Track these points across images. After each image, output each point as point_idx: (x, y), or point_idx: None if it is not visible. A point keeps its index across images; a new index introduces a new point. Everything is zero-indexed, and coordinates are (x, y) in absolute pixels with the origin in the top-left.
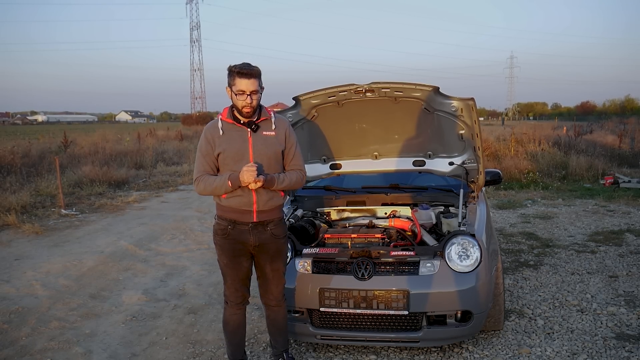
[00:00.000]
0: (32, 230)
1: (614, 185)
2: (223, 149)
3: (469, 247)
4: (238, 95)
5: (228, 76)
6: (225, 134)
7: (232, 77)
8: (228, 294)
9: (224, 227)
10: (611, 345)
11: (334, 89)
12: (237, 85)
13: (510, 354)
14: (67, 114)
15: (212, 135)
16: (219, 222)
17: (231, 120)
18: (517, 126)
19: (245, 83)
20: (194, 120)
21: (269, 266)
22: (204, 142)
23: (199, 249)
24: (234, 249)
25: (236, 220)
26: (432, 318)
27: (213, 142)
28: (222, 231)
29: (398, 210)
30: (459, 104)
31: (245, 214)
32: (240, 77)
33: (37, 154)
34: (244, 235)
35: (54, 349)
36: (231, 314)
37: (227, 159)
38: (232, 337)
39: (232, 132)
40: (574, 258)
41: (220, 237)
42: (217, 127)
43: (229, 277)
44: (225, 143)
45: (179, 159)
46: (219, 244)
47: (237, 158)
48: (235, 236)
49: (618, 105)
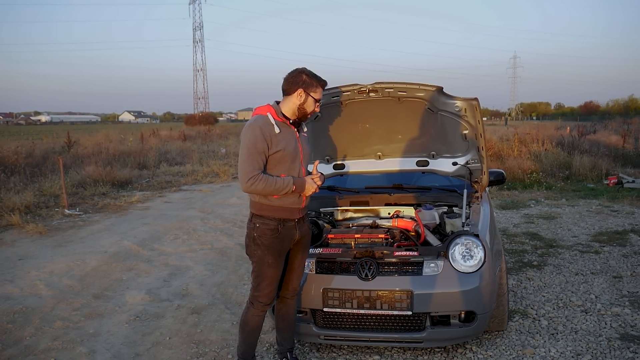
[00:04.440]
0: (35, 230)
1: (618, 186)
2: (282, 147)
3: (473, 248)
4: (314, 103)
5: (305, 81)
6: (282, 132)
7: (315, 87)
8: (261, 294)
9: (274, 226)
10: (615, 346)
11: (338, 89)
12: (317, 93)
13: (514, 354)
14: (70, 114)
15: (270, 132)
16: (267, 222)
17: (283, 119)
18: (521, 126)
19: (321, 93)
20: (197, 120)
21: (300, 256)
22: (259, 138)
23: (202, 249)
24: (281, 248)
25: (286, 219)
26: (436, 318)
27: (270, 139)
28: (272, 231)
29: (401, 210)
30: (462, 104)
31: (293, 211)
32: (322, 87)
33: (41, 154)
34: (292, 232)
35: (57, 349)
36: (254, 315)
37: (285, 157)
38: (248, 338)
39: (286, 131)
40: (578, 258)
41: (270, 237)
42: (272, 124)
43: (269, 278)
44: (284, 142)
45: (182, 159)
46: (265, 244)
47: (293, 157)
48: (285, 234)
49: (622, 105)
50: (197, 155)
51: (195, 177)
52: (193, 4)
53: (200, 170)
